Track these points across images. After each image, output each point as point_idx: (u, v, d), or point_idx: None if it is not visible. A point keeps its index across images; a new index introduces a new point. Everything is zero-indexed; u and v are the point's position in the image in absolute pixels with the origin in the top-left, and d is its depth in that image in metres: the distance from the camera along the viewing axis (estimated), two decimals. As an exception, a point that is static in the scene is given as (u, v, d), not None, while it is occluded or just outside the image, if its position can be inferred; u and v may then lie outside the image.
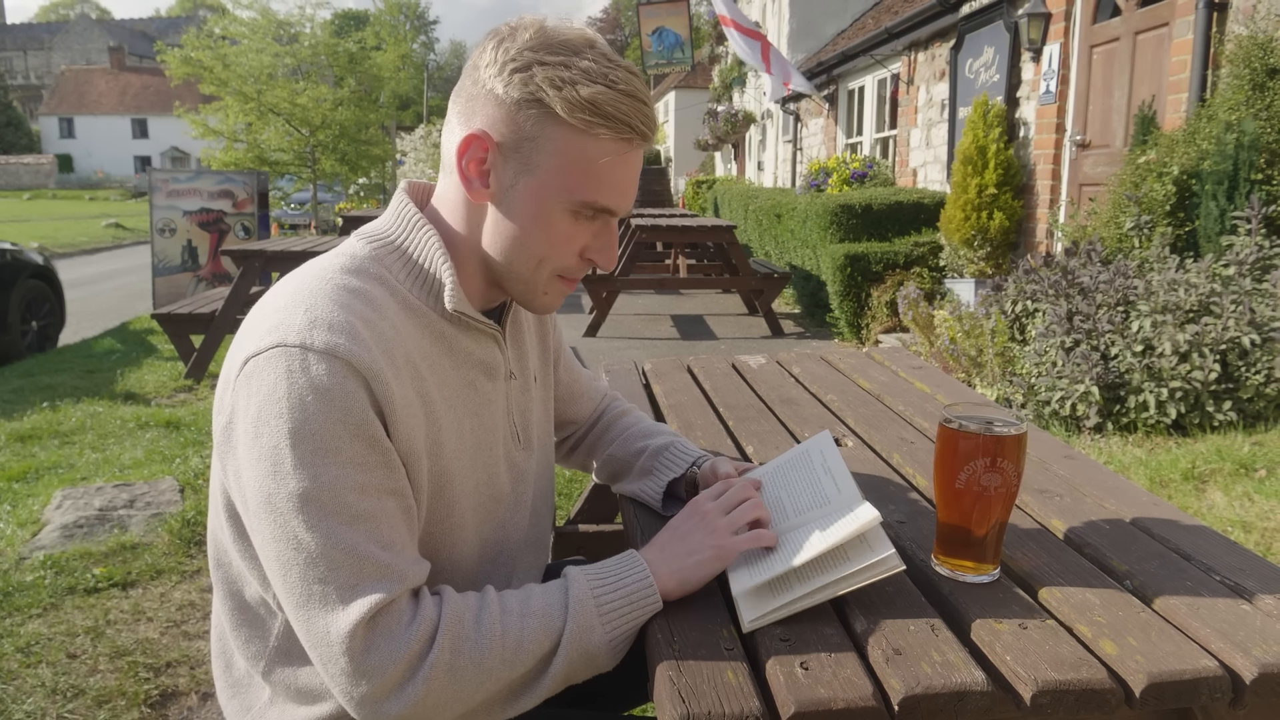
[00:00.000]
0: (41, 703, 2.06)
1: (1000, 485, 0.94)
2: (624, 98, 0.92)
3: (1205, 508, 2.92)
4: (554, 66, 0.91)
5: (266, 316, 0.90)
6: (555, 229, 0.96)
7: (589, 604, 0.91)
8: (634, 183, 0.99)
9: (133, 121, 52.51)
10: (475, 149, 0.94)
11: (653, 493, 1.22)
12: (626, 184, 0.98)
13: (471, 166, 0.95)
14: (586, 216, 0.97)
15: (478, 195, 0.96)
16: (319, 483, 0.83)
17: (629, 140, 0.94)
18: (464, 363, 1.01)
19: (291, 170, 20.66)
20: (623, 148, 0.94)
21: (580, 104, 0.90)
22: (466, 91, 0.96)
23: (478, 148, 0.94)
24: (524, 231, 0.97)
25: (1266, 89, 4.14)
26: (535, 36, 0.92)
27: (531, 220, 0.96)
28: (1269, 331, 3.51)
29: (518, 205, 0.96)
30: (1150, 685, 0.79)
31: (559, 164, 0.93)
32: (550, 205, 0.95)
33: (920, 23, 8.18)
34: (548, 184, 0.94)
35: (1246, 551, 1.05)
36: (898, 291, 5.58)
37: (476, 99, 0.94)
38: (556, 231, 0.97)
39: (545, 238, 0.97)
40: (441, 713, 0.86)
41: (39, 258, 7.29)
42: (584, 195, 0.95)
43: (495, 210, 0.97)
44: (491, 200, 0.97)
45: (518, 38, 0.92)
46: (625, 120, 0.92)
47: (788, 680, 0.80)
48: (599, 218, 0.98)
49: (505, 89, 0.92)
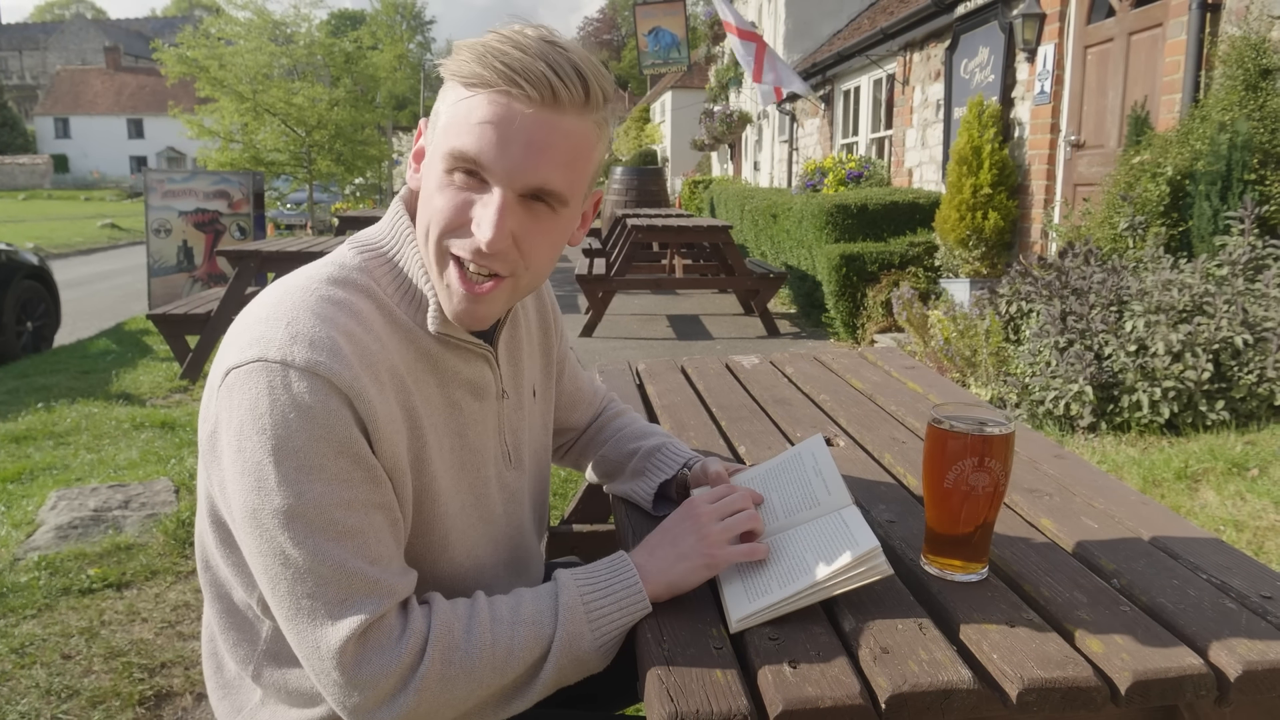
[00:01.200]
0: (36, 703, 2.05)
1: (988, 485, 0.95)
2: (494, 47, 0.85)
3: (1198, 507, 2.93)
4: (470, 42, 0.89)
5: (249, 328, 0.88)
6: (434, 190, 0.91)
7: (578, 610, 0.91)
8: (504, 135, 0.86)
9: (128, 122, 52.41)
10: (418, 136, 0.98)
11: (644, 494, 1.23)
12: (483, 127, 0.86)
13: (415, 154, 0.98)
14: (462, 173, 0.88)
15: (414, 181, 0.97)
16: (304, 500, 0.83)
17: (489, 86, 0.85)
18: (450, 382, 0.99)
19: (287, 170, 20.63)
20: (483, 92, 0.86)
21: (465, 44, 0.88)
22: None
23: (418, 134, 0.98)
24: (421, 200, 0.93)
25: (1259, 89, 4.15)
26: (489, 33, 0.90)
27: (425, 184, 0.93)
28: (1262, 331, 3.52)
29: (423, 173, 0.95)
30: (1135, 683, 0.80)
31: (444, 122, 0.90)
32: (434, 166, 0.91)
33: (915, 23, 8.19)
34: (434, 145, 0.92)
35: (1234, 550, 1.06)
36: (893, 291, 5.59)
37: None
38: (434, 191, 0.90)
39: (429, 202, 0.91)
40: (434, 719, 0.87)
41: (34, 258, 7.28)
42: (449, 143, 0.88)
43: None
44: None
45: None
46: (486, 65, 0.85)
47: (776, 679, 0.80)
48: (484, 186, 0.88)
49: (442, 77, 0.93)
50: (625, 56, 32.81)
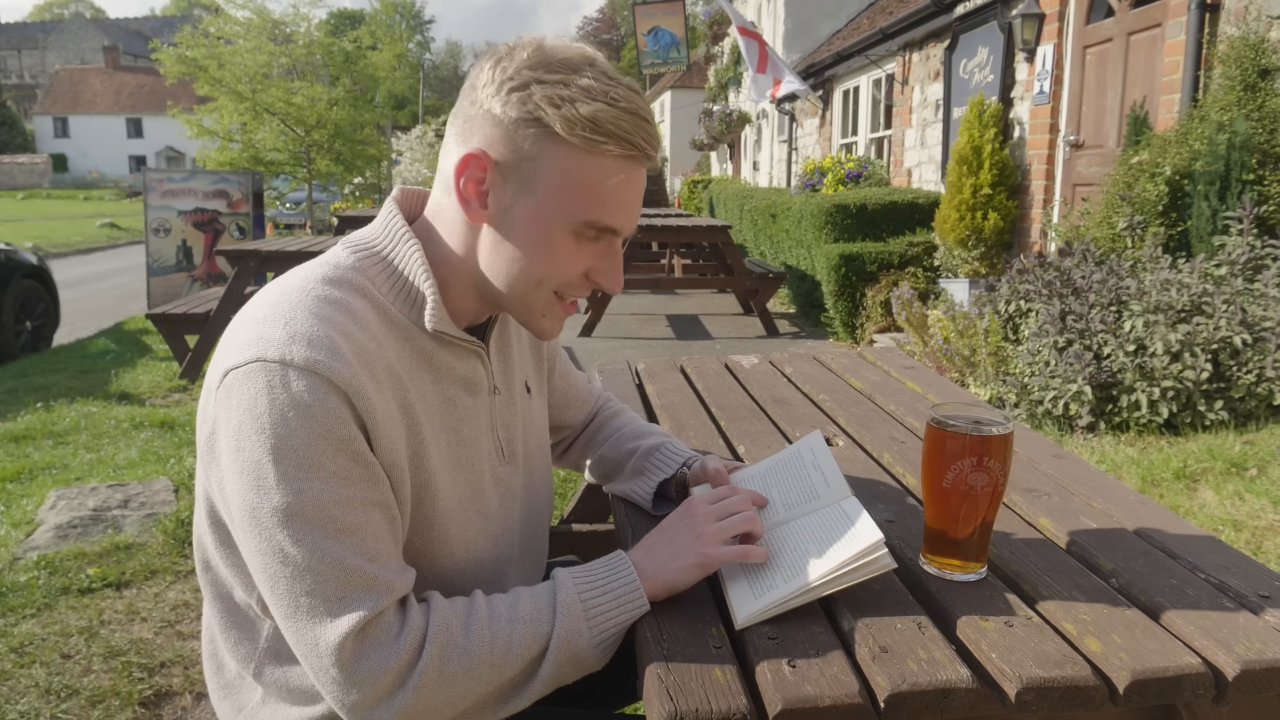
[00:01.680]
0: (35, 703, 2.06)
1: (987, 484, 0.95)
2: (625, 115, 0.90)
3: (1197, 506, 2.93)
4: (552, 85, 0.89)
5: (247, 328, 0.89)
6: (556, 250, 0.94)
7: (576, 608, 0.92)
8: (638, 202, 0.97)
9: (127, 121, 52.37)
10: (473, 169, 0.92)
11: (643, 493, 1.23)
12: (630, 203, 0.95)
13: (470, 187, 0.93)
14: (589, 237, 0.95)
15: (475, 216, 0.94)
16: (303, 498, 0.83)
17: (631, 158, 0.92)
18: (444, 378, 1.00)
19: (286, 170, 20.64)
20: (625, 165, 0.92)
21: (580, 121, 0.88)
22: (464, 112, 0.94)
23: (476, 167, 0.92)
24: (524, 253, 0.94)
25: (1258, 89, 4.16)
26: (533, 55, 0.90)
27: (531, 241, 0.94)
28: (1260, 331, 3.52)
29: (517, 226, 0.94)
30: (1134, 682, 0.80)
31: (559, 183, 0.91)
32: (551, 226, 0.93)
33: (915, 23, 8.19)
34: (548, 204, 0.92)
35: (1231, 550, 1.06)
36: (892, 291, 5.59)
37: (474, 119, 0.93)
38: (558, 253, 0.95)
39: (546, 259, 0.95)
40: (432, 717, 0.87)
41: (33, 257, 7.28)
42: (585, 215, 0.93)
43: (493, 231, 0.95)
44: (489, 221, 0.95)
45: (515, 57, 0.91)
46: (626, 138, 0.90)
47: (775, 678, 0.80)
48: (602, 238, 0.96)
49: (503, 108, 0.90)
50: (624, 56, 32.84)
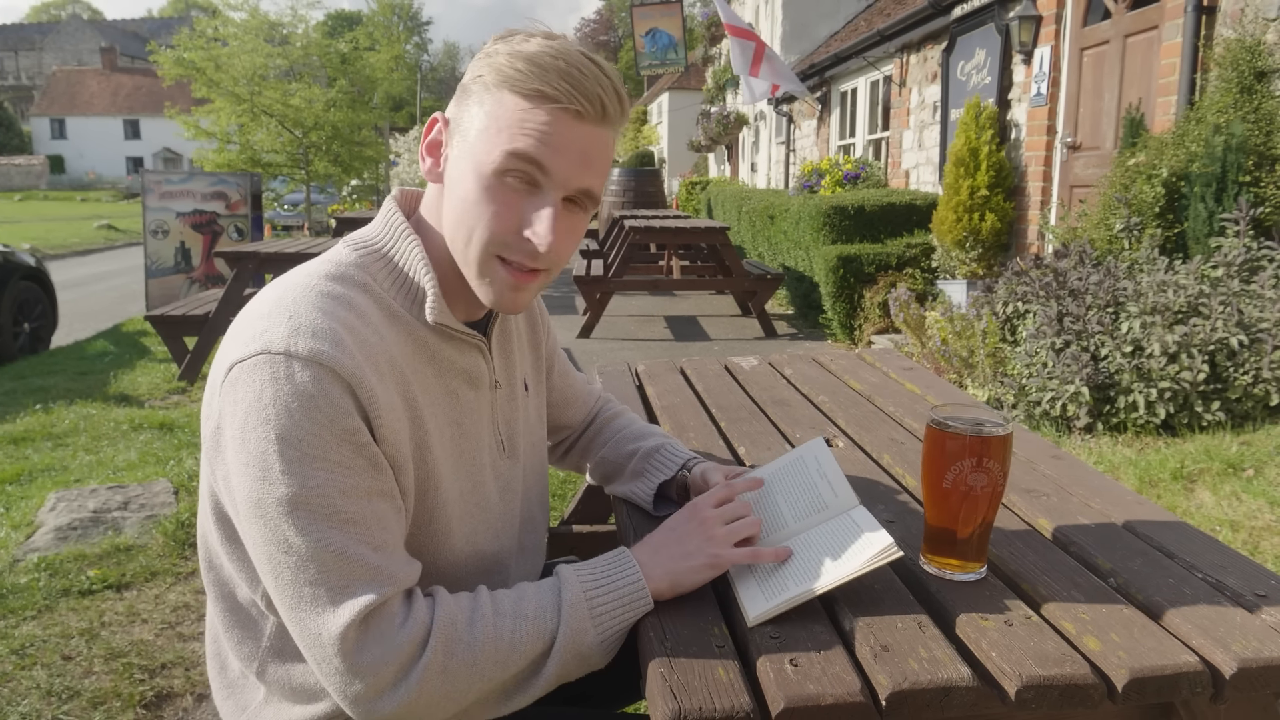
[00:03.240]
0: (37, 704, 2.06)
1: (986, 485, 0.96)
2: (558, 59, 0.90)
3: (1194, 507, 2.94)
4: (506, 42, 0.94)
5: (251, 323, 0.90)
6: (486, 198, 0.92)
7: (581, 606, 0.92)
8: (574, 151, 0.92)
9: (125, 122, 52.32)
10: (435, 132, 0.99)
11: (644, 494, 1.24)
12: (561, 147, 0.91)
13: (428, 148, 0.99)
14: (517, 184, 0.92)
15: (431, 175, 0.99)
16: (307, 487, 0.84)
17: (558, 104, 0.90)
18: (446, 371, 1.02)
19: (284, 172, 20.61)
20: (555, 111, 0.90)
21: (520, 57, 0.91)
22: None
23: (434, 129, 0.99)
24: (460, 204, 0.94)
25: (1254, 91, 4.17)
26: (509, 31, 0.95)
27: (463, 188, 0.94)
28: (1256, 332, 3.54)
29: (453, 175, 0.96)
30: (1132, 680, 0.81)
31: (487, 124, 0.92)
32: (479, 167, 0.92)
33: (912, 25, 8.21)
34: (476, 146, 0.93)
35: (1228, 549, 1.07)
36: (890, 293, 5.60)
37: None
38: (487, 201, 0.92)
39: (475, 208, 0.93)
40: (434, 712, 0.88)
41: (31, 259, 7.27)
42: (506, 146, 0.91)
43: (442, 190, 0.99)
44: (442, 180, 0.98)
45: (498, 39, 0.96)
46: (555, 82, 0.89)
47: (777, 677, 0.81)
48: (535, 192, 0.93)
49: (469, 73, 0.96)
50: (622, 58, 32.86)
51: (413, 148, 28.32)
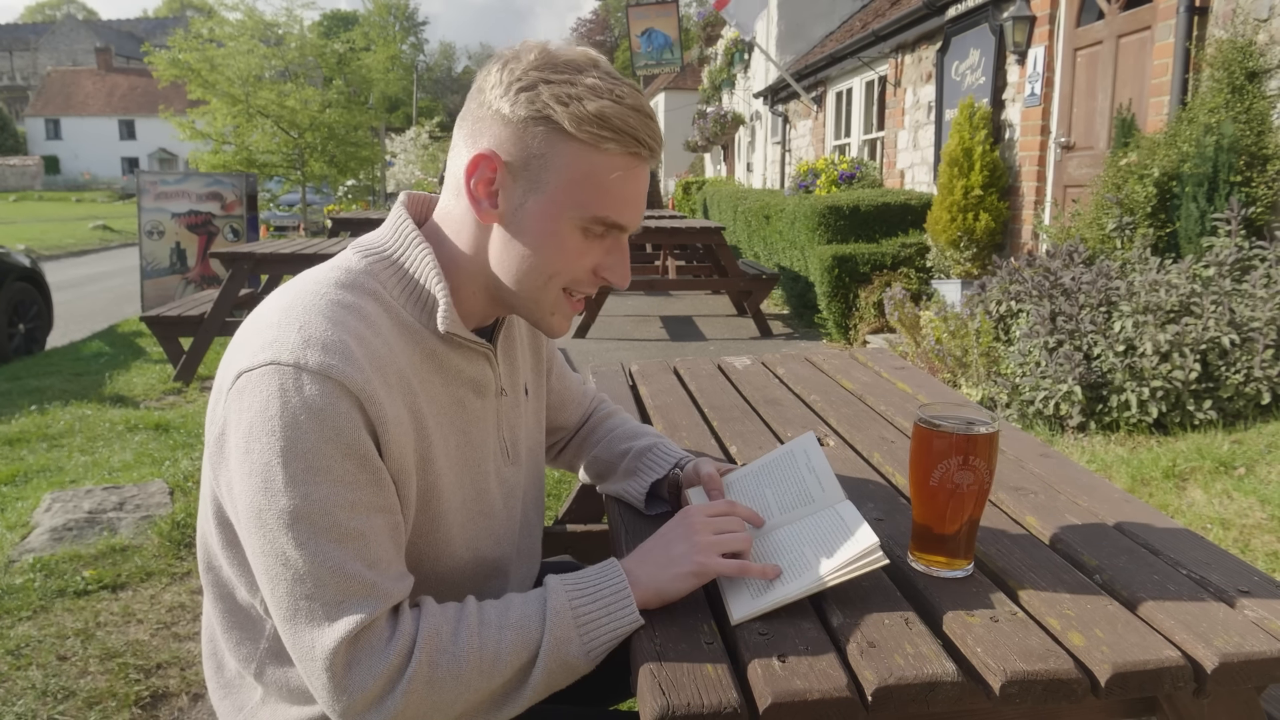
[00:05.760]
0: (32, 705, 2.06)
1: (973, 483, 0.97)
2: (630, 112, 0.93)
3: (1185, 505, 2.96)
4: (559, 84, 0.92)
5: (260, 332, 0.90)
6: (566, 246, 0.97)
7: (566, 615, 0.92)
8: (642, 198, 0.99)
9: (120, 123, 52.18)
10: (484, 169, 0.94)
11: (636, 493, 1.25)
12: (635, 199, 0.97)
13: (480, 187, 0.95)
14: (597, 233, 0.97)
15: (486, 216, 0.96)
16: (309, 501, 0.84)
17: (636, 155, 0.95)
18: (454, 380, 1.02)
19: (280, 172, 20.59)
20: (630, 162, 0.95)
21: (587, 118, 0.91)
22: (472, 114, 0.96)
23: (486, 168, 0.94)
24: (534, 250, 0.96)
25: (1245, 92, 4.20)
26: (539, 57, 0.93)
27: (542, 238, 0.96)
28: (1248, 331, 3.56)
29: (527, 223, 0.96)
30: (1115, 675, 0.82)
31: (568, 179, 0.93)
32: (561, 222, 0.95)
33: (906, 25, 8.23)
34: (557, 200, 0.94)
35: (1213, 546, 1.08)
36: (885, 292, 5.62)
37: (483, 120, 0.95)
38: (567, 249, 0.97)
39: (557, 256, 0.97)
40: None
41: (26, 260, 7.26)
42: (594, 210, 0.95)
43: (504, 231, 0.97)
44: (500, 221, 0.97)
45: (522, 59, 0.94)
46: (632, 134, 0.93)
47: (765, 673, 0.82)
48: (609, 234, 0.98)
49: (512, 108, 0.92)
50: (618, 58, 32.87)
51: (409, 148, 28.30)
